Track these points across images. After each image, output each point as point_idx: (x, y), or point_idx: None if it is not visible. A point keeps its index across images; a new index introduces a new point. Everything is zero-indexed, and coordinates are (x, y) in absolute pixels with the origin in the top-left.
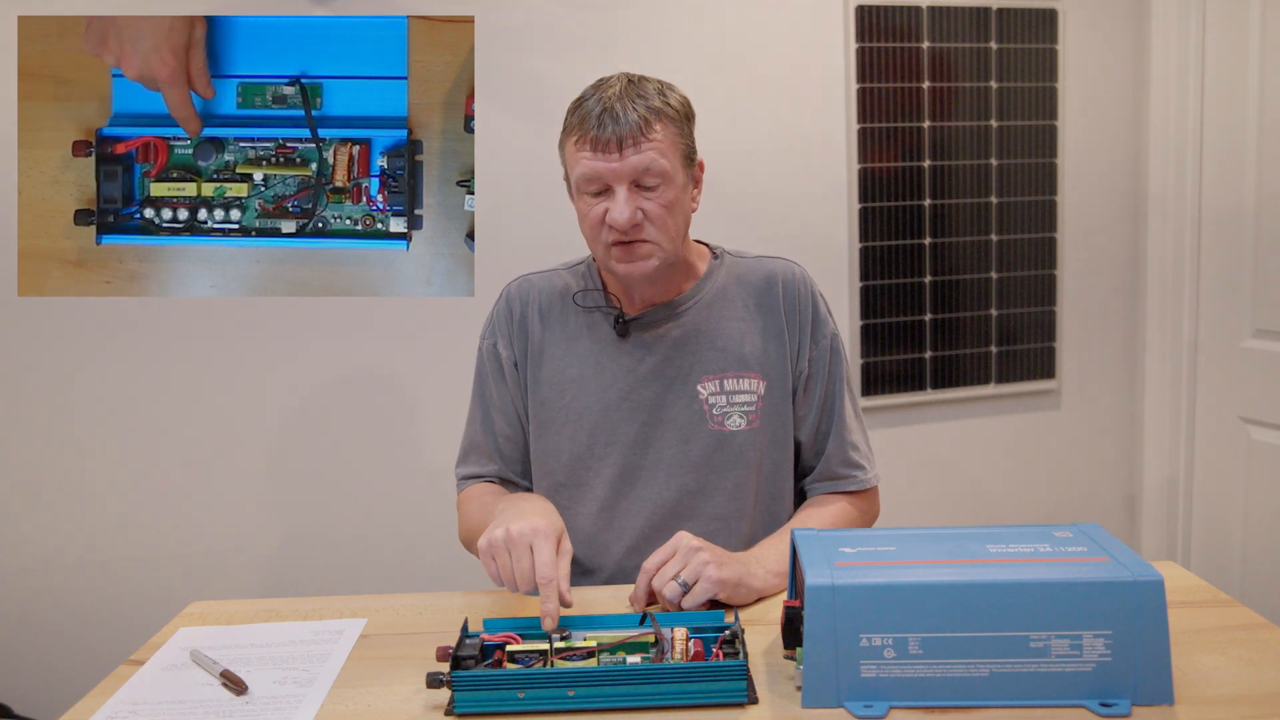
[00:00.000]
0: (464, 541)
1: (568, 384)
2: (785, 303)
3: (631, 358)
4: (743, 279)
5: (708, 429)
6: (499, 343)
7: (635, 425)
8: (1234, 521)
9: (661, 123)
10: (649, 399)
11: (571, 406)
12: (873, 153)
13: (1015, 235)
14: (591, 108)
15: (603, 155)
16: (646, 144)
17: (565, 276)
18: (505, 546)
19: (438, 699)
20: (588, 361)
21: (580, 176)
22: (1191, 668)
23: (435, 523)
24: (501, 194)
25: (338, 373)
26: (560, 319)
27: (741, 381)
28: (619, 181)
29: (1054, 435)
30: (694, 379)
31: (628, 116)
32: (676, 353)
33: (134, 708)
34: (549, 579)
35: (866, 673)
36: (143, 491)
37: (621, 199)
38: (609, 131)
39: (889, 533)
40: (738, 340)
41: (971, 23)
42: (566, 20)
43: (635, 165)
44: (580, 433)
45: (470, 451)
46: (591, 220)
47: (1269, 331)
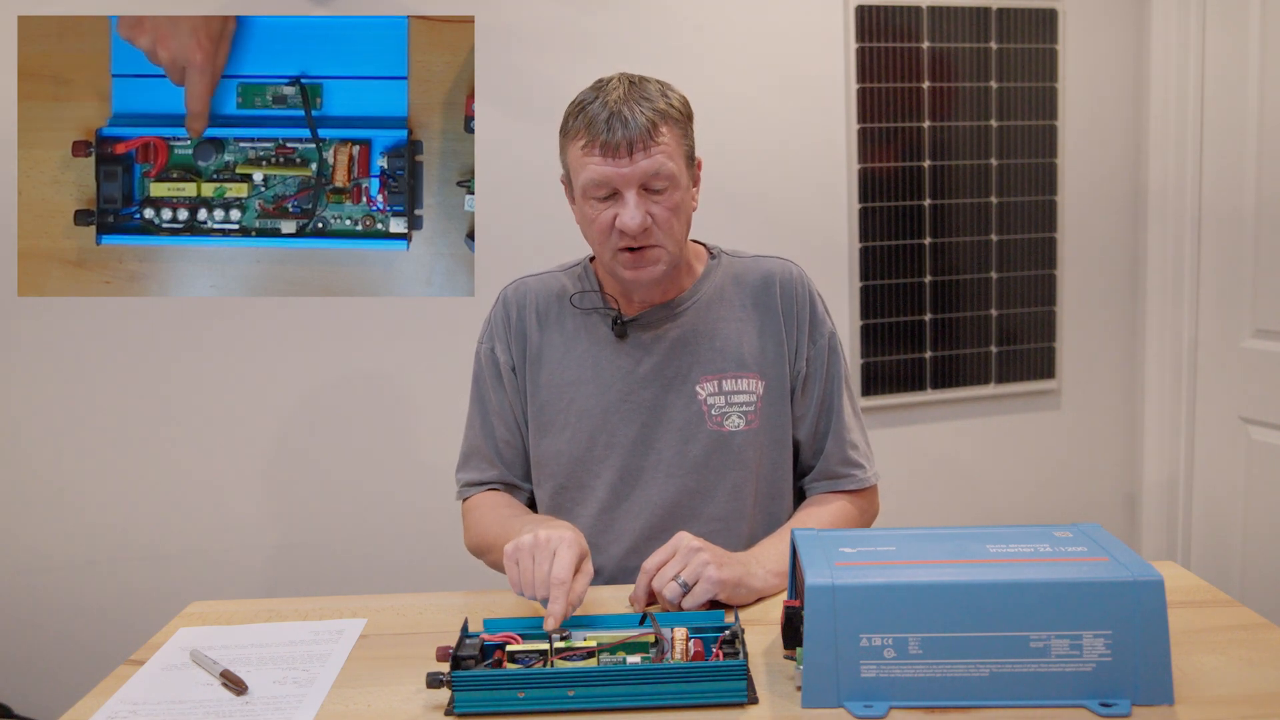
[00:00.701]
0: (473, 549)
1: (566, 386)
2: (783, 302)
3: (630, 359)
4: (740, 279)
5: (707, 429)
6: (496, 347)
7: (634, 426)
8: (1234, 521)
9: (667, 125)
10: (648, 400)
11: (570, 409)
12: (873, 153)
13: (1015, 235)
14: (598, 112)
15: (612, 160)
16: (655, 148)
17: (562, 278)
18: (531, 550)
19: (438, 699)
20: (586, 363)
21: (588, 182)
22: (1191, 668)
23: (435, 523)
24: (501, 194)
25: (338, 373)
26: (558, 321)
27: (740, 382)
28: (629, 186)
29: (1054, 435)
30: (692, 380)
31: (636, 120)
32: (675, 353)
33: (134, 708)
34: (562, 581)
35: (866, 673)
36: (143, 491)
37: (632, 204)
38: (619, 136)
39: (889, 533)
40: (735, 340)
41: (971, 23)
42: (566, 20)
43: (645, 169)
44: (580, 435)
45: (470, 456)
46: (600, 226)
47: (1269, 331)
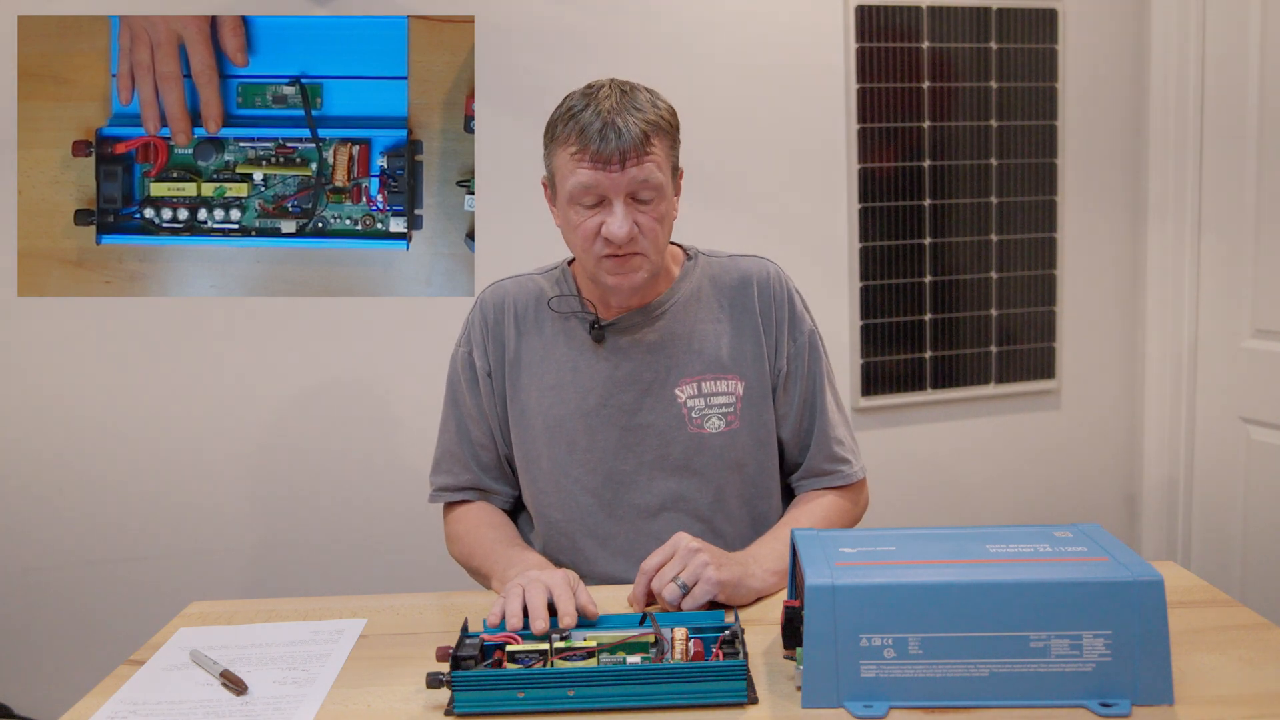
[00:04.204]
0: (457, 557)
1: (546, 390)
2: (760, 302)
3: (608, 363)
4: (717, 280)
5: (687, 432)
6: (474, 352)
7: (615, 431)
8: (1234, 521)
9: (658, 136)
10: (627, 404)
11: (550, 414)
12: (873, 153)
13: (1015, 235)
14: (590, 120)
15: (603, 168)
16: (646, 158)
17: (540, 282)
18: (525, 585)
19: (438, 699)
20: (565, 368)
21: (577, 187)
22: (1191, 668)
23: (436, 523)
24: (501, 194)
25: (338, 373)
26: (536, 326)
27: (719, 384)
28: (617, 194)
29: (1054, 435)
30: (671, 383)
31: (629, 130)
32: (653, 357)
33: (134, 708)
34: (563, 593)
35: (866, 673)
36: (142, 491)
37: (620, 213)
38: (612, 146)
39: (889, 533)
40: (714, 342)
41: (971, 23)
42: (566, 20)
43: (634, 178)
44: (559, 440)
45: (444, 460)
46: (585, 232)
47: (1269, 331)
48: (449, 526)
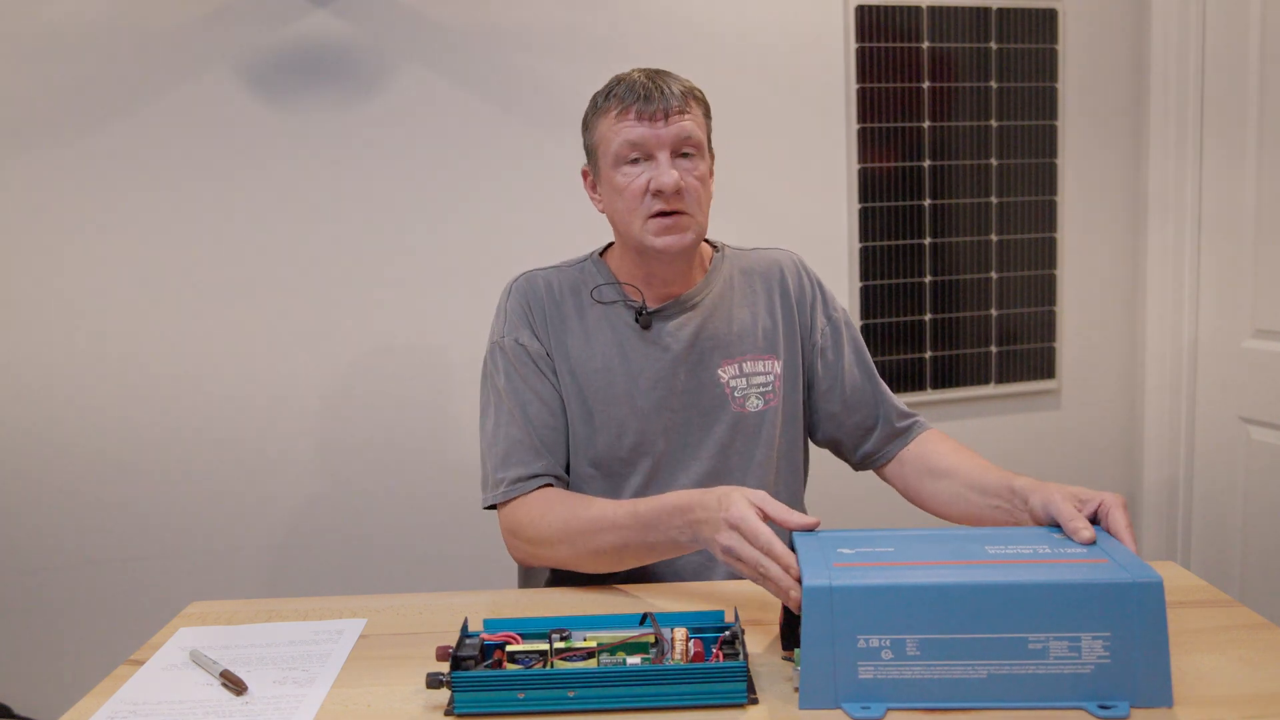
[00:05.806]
0: (541, 541)
1: (592, 376)
2: (793, 285)
3: (655, 348)
4: (747, 270)
5: (730, 411)
6: (522, 336)
7: (664, 414)
8: (1234, 521)
9: (695, 102)
10: (674, 388)
11: (598, 399)
12: (873, 153)
13: (1015, 235)
14: (632, 83)
15: (648, 123)
16: (687, 114)
17: (571, 273)
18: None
19: (438, 699)
20: (611, 354)
21: (624, 143)
22: (1191, 668)
23: (436, 522)
24: (501, 194)
25: (338, 373)
26: (575, 313)
27: (759, 364)
28: (663, 148)
29: (1054, 435)
30: (714, 364)
31: (671, 89)
32: (695, 341)
33: (134, 708)
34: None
35: (864, 674)
36: (142, 491)
37: (665, 163)
38: (656, 103)
39: (888, 533)
40: (750, 325)
41: (971, 23)
42: (566, 20)
43: (678, 133)
44: (609, 424)
45: (512, 452)
46: (634, 190)
47: (1269, 331)
48: (521, 514)
